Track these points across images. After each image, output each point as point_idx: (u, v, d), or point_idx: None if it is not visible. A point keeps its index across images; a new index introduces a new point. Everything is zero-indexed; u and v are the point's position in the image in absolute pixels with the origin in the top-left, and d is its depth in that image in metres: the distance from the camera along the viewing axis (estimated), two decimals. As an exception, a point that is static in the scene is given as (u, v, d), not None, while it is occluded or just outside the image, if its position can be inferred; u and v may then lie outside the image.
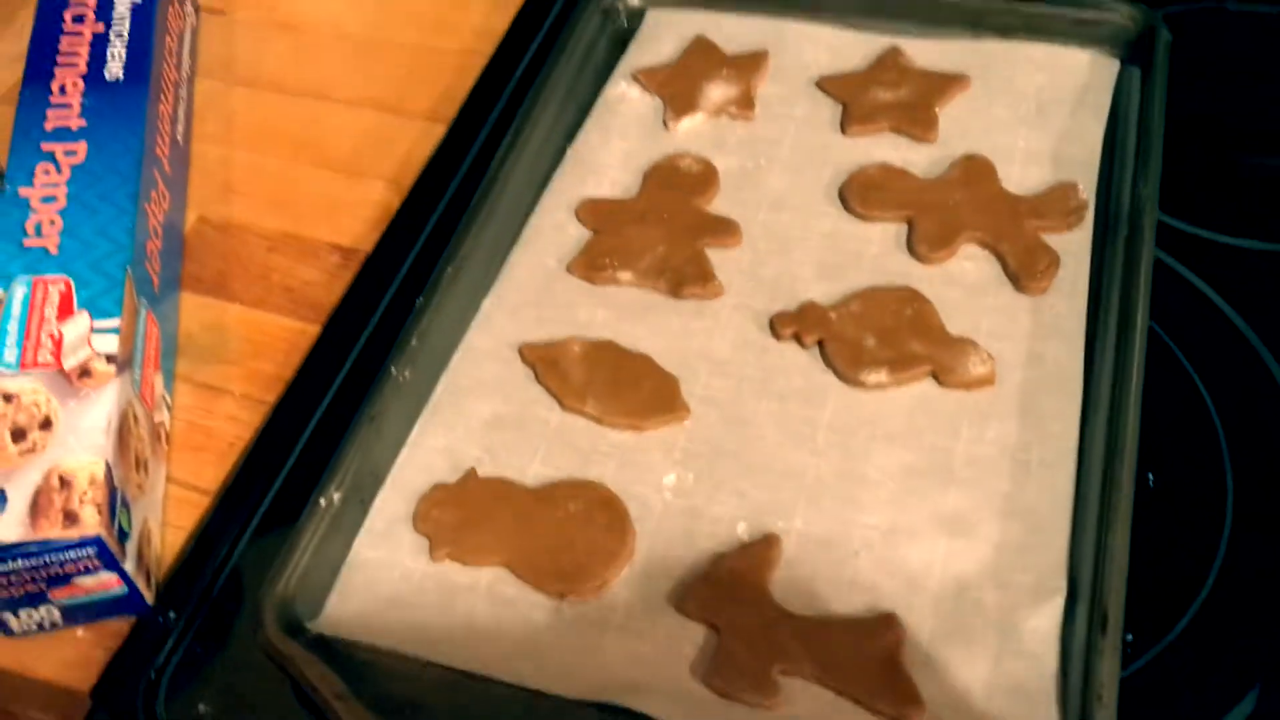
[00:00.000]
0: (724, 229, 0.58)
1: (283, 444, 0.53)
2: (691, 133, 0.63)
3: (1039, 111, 0.61)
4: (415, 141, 0.66)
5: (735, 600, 0.46)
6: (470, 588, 0.47)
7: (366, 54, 0.71)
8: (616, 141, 0.63)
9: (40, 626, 0.48)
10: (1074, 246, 0.55)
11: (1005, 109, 0.62)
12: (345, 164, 0.65)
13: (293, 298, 0.59)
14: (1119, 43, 0.62)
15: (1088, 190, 0.57)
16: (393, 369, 0.52)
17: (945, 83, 0.63)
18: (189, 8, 0.71)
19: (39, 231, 0.53)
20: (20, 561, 0.45)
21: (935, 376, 0.52)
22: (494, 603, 0.47)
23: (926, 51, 0.64)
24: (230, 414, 0.55)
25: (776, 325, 0.54)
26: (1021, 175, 0.59)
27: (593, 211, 0.59)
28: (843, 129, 0.62)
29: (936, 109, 0.62)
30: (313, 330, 0.58)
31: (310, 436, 0.53)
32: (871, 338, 0.53)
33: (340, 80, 0.70)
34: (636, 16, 0.69)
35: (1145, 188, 0.55)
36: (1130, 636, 0.44)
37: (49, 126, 0.57)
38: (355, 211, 0.63)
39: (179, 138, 0.64)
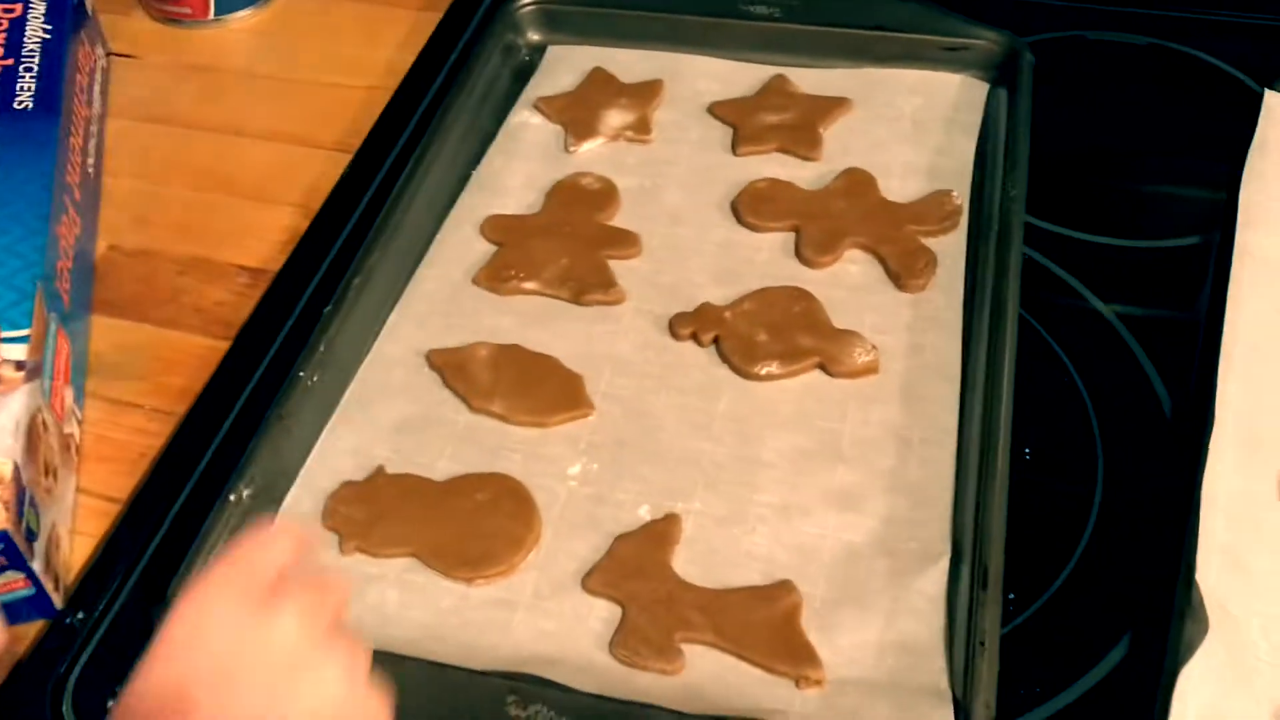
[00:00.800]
0: (624, 240, 0.61)
1: (192, 453, 0.54)
2: (591, 155, 0.66)
3: (915, 129, 0.65)
4: (322, 171, 0.68)
5: (638, 576, 0.48)
6: (380, 577, 0.48)
7: (276, 92, 0.74)
8: (519, 164, 0.66)
9: (-54, 633, 0.48)
10: (950, 248, 0.59)
11: (885, 128, 0.66)
12: (253, 192, 0.67)
13: (203, 317, 0.60)
14: (988, 66, 0.67)
15: (961, 197, 0.61)
16: (301, 374, 0.53)
17: (829, 105, 0.67)
18: (99, 50, 0.73)
19: (-52, 250, 0.54)
20: (-74, 560, 0.45)
21: (823, 367, 0.55)
22: (404, 589, 0.48)
23: (811, 78, 0.69)
24: (140, 427, 0.56)
25: (675, 325, 0.57)
26: (900, 186, 0.62)
27: (497, 226, 0.62)
28: (734, 150, 0.66)
29: (821, 129, 0.66)
30: (222, 346, 0.59)
31: (219, 445, 0.54)
32: (763, 333, 0.56)
33: (250, 116, 0.72)
34: (537, 51, 0.72)
35: (1013, 192, 0.59)
36: (1012, 596, 0.46)
37: (-42, 153, 0.58)
38: (263, 235, 0.64)
39: (90, 170, 0.66)
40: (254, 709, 0.33)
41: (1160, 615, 0.45)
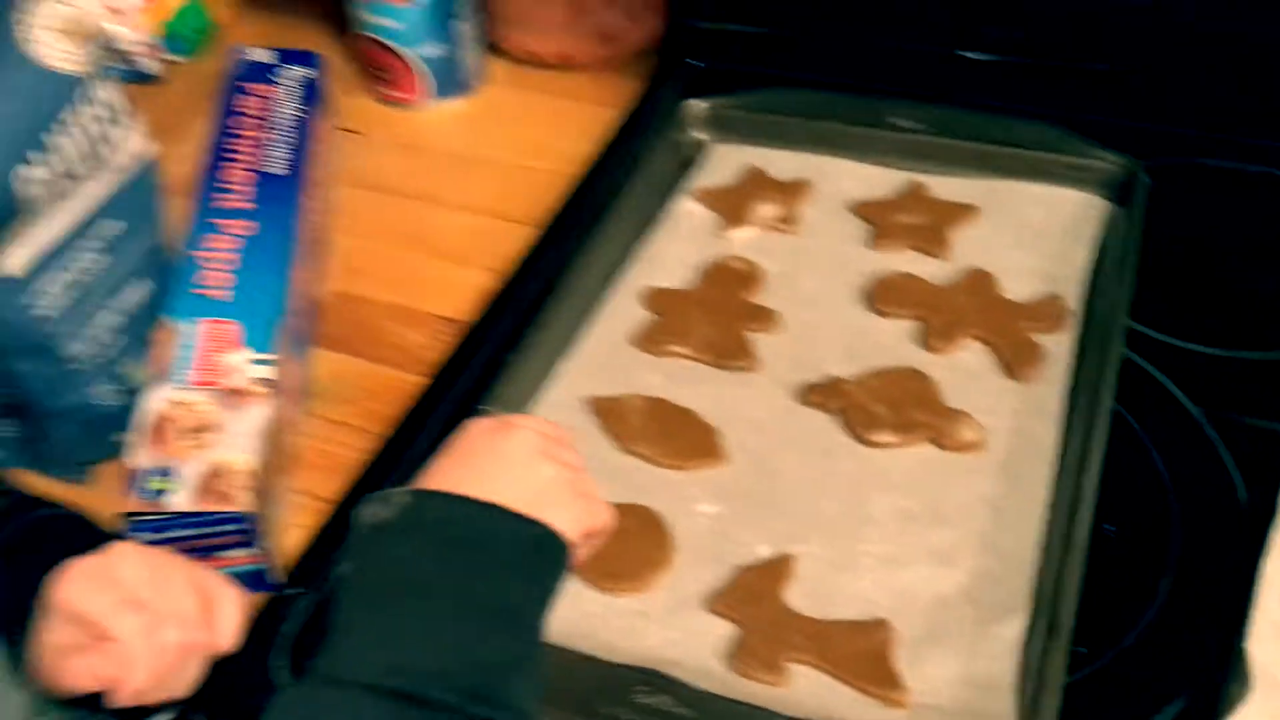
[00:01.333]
0: (765, 317, 0.70)
1: (389, 465, 0.64)
2: (743, 241, 0.75)
3: (1036, 237, 0.73)
4: (510, 239, 0.78)
5: (755, 603, 0.56)
6: (539, 582, 0.57)
7: (475, 170, 0.85)
8: (679, 245, 0.75)
9: (188, 593, 0.59)
10: (1058, 345, 0.66)
11: (1008, 235, 0.73)
12: (452, 253, 0.78)
13: (404, 355, 0.71)
14: (1107, 185, 0.74)
15: (1072, 301, 0.68)
16: (483, 407, 0.63)
17: (959, 211, 0.75)
18: (332, 126, 0.86)
19: (212, 285, 0.66)
20: (183, 530, 0.56)
21: (934, 441, 0.62)
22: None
23: (945, 186, 0.77)
24: (347, 442, 0.66)
25: (805, 394, 0.65)
26: (1018, 287, 0.70)
27: (656, 298, 0.71)
28: (870, 245, 0.74)
29: (950, 232, 0.74)
30: (418, 381, 0.69)
31: (412, 460, 0.64)
32: (883, 406, 0.63)
33: (452, 189, 0.84)
34: (701, 148, 0.82)
35: (1118, 300, 0.66)
36: (1084, 650, 0.53)
37: (222, 206, 0.71)
38: (458, 291, 0.75)
39: (319, 227, 0.78)
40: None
41: (1215, 679, 0.50)
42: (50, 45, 0.55)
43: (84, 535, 0.50)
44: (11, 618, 0.47)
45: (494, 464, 0.47)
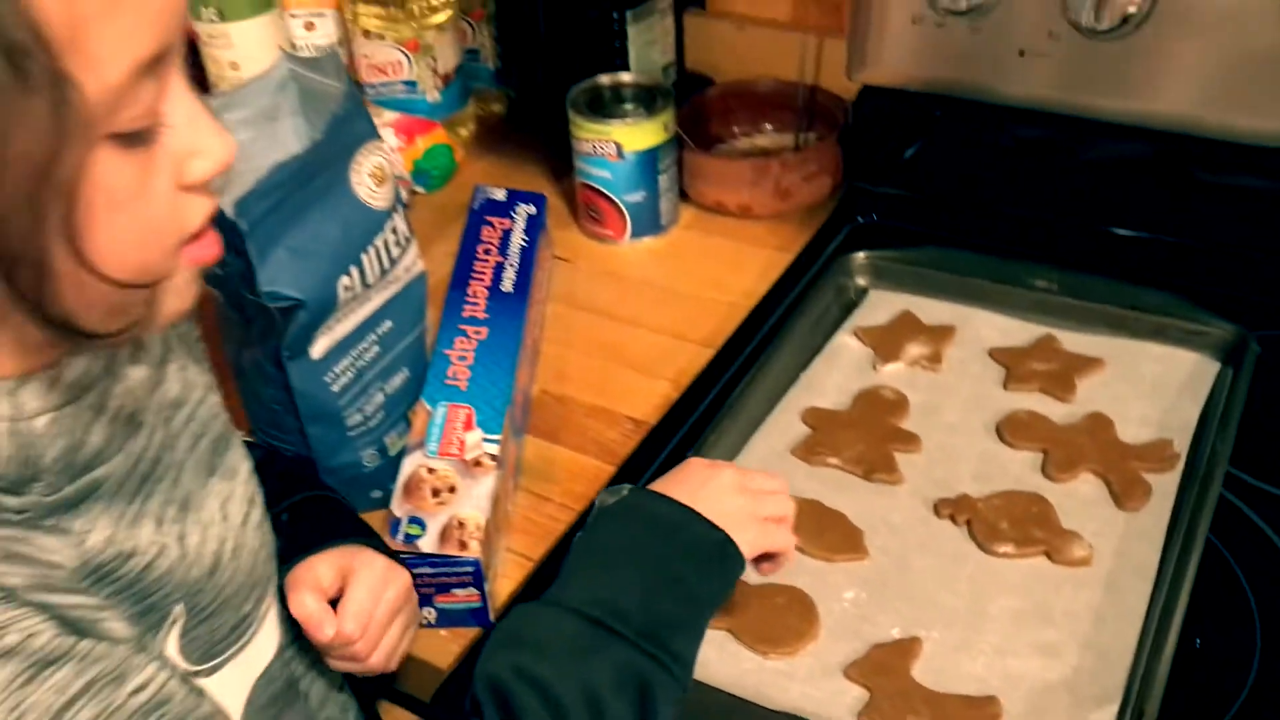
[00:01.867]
0: (909, 439, 0.81)
1: (585, 537, 0.77)
2: (892, 374, 0.88)
3: (1153, 390, 0.83)
4: (691, 358, 0.92)
5: (885, 674, 0.67)
6: (707, 641, 0.69)
7: (664, 297, 1.00)
8: (837, 374, 0.88)
9: (420, 624, 0.73)
10: (1165, 484, 0.76)
11: (1128, 386, 0.84)
12: (642, 366, 0.93)
13: (599, 448, 0.85)
14: (1220, 349, 0.84)
15: (1180, 447, 0.78)
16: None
17: (1085, 362, 0.86)
18: (551, 254, 1.03)
19: (456, 377, 0.81)
20: (427, 568, 0.70)
21: (1048, 555, 0.73)
22: (720, 651, 0.69)
23: (1073, 340, 0.88)
24: (551, 514, 0.80)
25: (939, 507, 0.76)
26: (1133, 431, 0.80)
27: (814, 416, 0.84)
28: (1004, 386, 0.85)
29: (1076, 379, 0.85)
30: (610, 470, 0.83)
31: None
32: (1005, 523, 0.74)
33: (644, 312, 0.98)
34: (862, 293, 0.96)
35: (1221, 450, 0.76)
36: (1167, 742, 0.62)
37: (464, 314, 0.87)
38: (646, 398, 0.89)
39: (535, 338, 0.94)
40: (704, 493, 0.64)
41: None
42: (369, 187, 0.72)
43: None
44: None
45: (698, 488, 0.64)
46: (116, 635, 0.49)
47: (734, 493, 0.64)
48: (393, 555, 0.68)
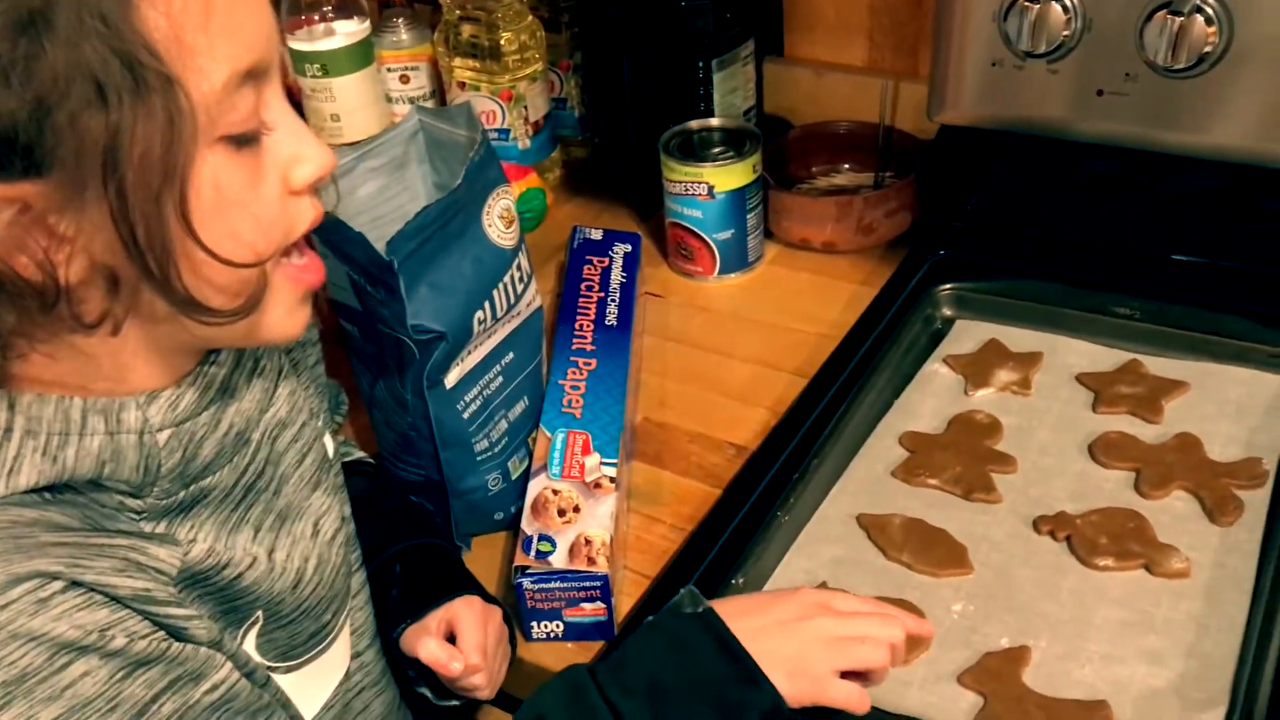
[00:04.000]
0: (1005, 460, 0.85)
1: (695, 555, 0.81)
2: (984, 399, 0.91)
3: (1238, 412, 0.86)
4: (786, 387, 0.97)
5: (997, 680, 0.70)
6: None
7: (755, 329, 1.05)
8: (930, 399, 0.92)
9: (548, 636, 0.77)
10: (1256, 499, 0.79)
11: (1214, 407, 0.87)
12: (739, 395, 0.97)
13: (703, 472, 0.90)
14: (1303, 372, 0.88)
15: (1270, 464, 0.81)
16: (778, 513, 0.81)
17: (1171, 385, 0.89)
18: (644, 290, 1.07)
19: (571, 405, 0.86)
20: (558, 582, 0.75)
21: (1147, 568, 0.76)
22: None
23: (1159, 364, 0.91)
24: (662, 535, 0.85)
25: (1039, 524, 0.80)
26: (1221, 450, 0.83)
27: (912, 439, 0.88)
28: (1093, 408, 0.89)
29: (1163, 402, 0.88)
30: (715, 493, 0.87)
31: (715, 554, 0.81)
32: (1104, 538, 0.78)
33: (737, 344, 1.03)
34: (949, 323, 1.00)
35: (1311, 465, 0.79)
36: (1274, 742, 0.65)
37: (574, 347, 0.92)
38: (745, 424, 0.93)
39: (636, 368, 0.98)
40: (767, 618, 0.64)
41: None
42: (499, 228, 0.77)
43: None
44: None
45: (765, 621, 0.65)
46: (200, 639, 0.54)
47: (815, 612, 0.65)
48: (487, 597, 0.74)
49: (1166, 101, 0.91)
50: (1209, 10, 0.84)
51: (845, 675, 0.65)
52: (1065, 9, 0.89)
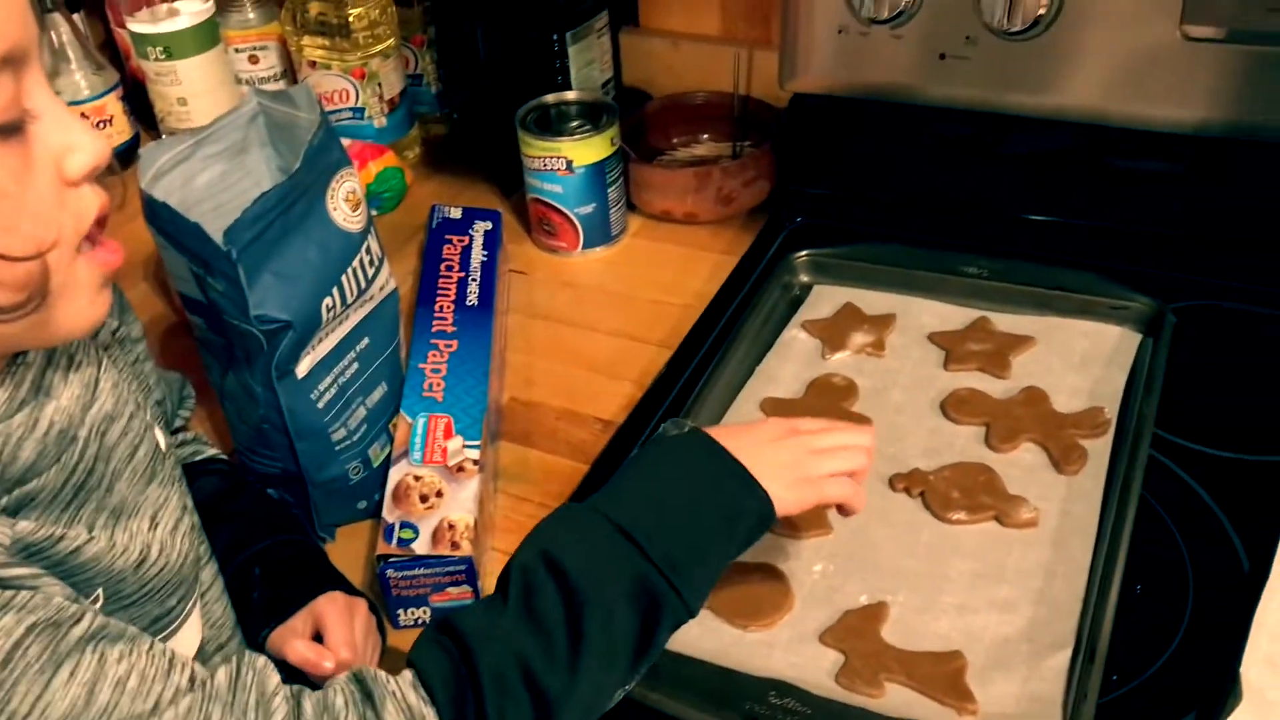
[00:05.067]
0: (860, 421, 0.87)
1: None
2: (840, 362, 0.93)
3: (1082, 363, 0.90)
4: (651, 359, 0.97)
5: (857, 637, 0.72)
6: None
7: (620, 303, 1.05)
8: (789, 365, 0.94)
9: (416, 623, 0.77)
10: (1099, 447, 0.82)
11: (1059, 360, 0.90)
12: (604, 369, 0.97)
13: (570, 449, 0.90)
14: (1140, 322, 0.91)
15: (1111, 413, 0.85)
16: (642, 487, 0.81)
17: (1018, 341, 0.92)
18: (508, 268, 1.07)
19: (432, 389, 0.85)
20: (422, 569, 0.74)
21: (998, 519, 0.79)
22: (702, 627, 0.73)
23: (1006, 321, 0.94)
24: (531, 514, 0.84)
25: (894, 482, 0.82)
26: (1066, 402, 0.87)
27: (773, 405, 0.89)
28: (944, 366, 0.92)
29: (1011, 357, 0.91)
30: (583, 469, 0.88)
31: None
32: (956, 492, 0.80)
33: (602, 319, 1.03)
34: (806, 289, 1.01)
35: (1146, 412, 0.82)
36: (1115, 677, 0.68)
37: (434, 329, 0.91)
38: (611, 399, 0.94)
39: (501, 348, 0.98)
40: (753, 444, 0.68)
41: (1219, 700, 0.65)
42: (344, 211, 0.76)
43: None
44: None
45: (758, 443, 0.68)
46: (53, 595, 0.52)
47: (782, 443, 0.69)
48: (351, 589, 0.74)
49: (1007, 64, 0.94)
50: (1039, -26, 0.86)
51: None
52: (904, -25, 0.91)
